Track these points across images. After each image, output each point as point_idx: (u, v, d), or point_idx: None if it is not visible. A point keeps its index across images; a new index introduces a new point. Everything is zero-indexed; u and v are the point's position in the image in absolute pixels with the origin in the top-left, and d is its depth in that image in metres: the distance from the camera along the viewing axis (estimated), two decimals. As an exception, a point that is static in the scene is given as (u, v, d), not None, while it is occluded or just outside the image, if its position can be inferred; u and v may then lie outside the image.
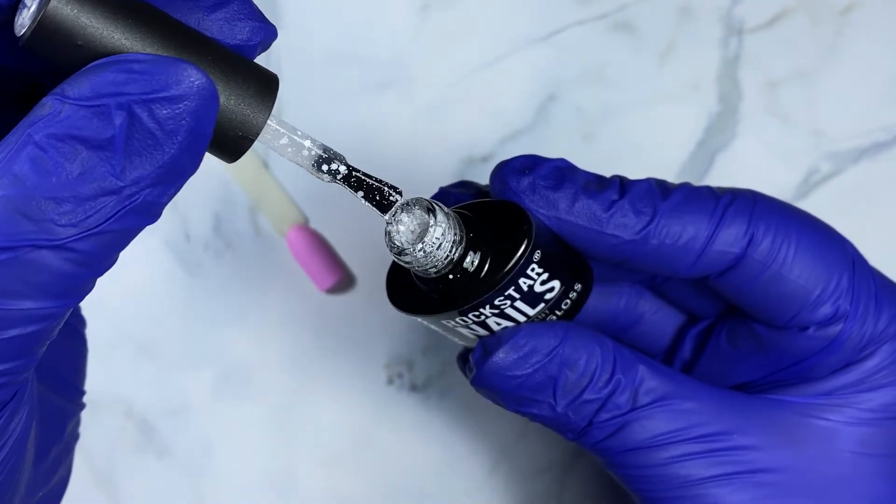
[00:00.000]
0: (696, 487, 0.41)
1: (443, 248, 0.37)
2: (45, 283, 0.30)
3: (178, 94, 0.30)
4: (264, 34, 0.33)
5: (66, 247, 0.30)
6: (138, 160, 0.30)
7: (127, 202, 0.30)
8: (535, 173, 0.40)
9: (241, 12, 0.33)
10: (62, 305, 0.31)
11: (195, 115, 0.30)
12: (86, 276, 0.31)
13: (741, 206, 0.40)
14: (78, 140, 0.29)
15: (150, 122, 0.29)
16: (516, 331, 0.39)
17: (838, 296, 0.40)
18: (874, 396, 0.42)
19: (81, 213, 0.29)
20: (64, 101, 0.29)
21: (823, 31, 0.55)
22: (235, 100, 0.32)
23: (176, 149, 0.30)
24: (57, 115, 0.29)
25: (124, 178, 0.30)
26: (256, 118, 0.33)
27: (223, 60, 0.32)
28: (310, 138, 0.35)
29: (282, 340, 0.57)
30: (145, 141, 0.30)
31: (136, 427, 0.57)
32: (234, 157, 0.33)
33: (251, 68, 0.33)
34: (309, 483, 0.56)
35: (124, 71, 0.29)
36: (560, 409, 0.40)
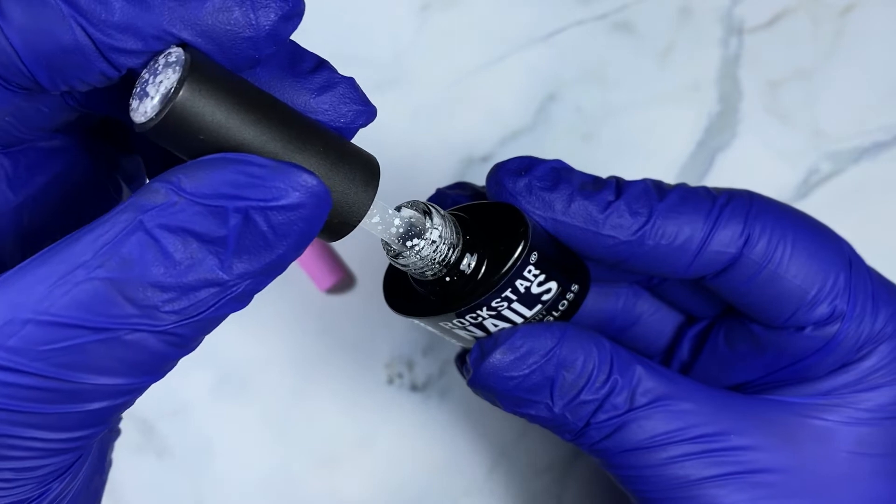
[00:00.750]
0: (694, 488, 0.41)
1: (439, 251, 0.37)
2: (139, 362, 0.30)
3: (294, 202, 0.30)
4: (366, 117, 0.34)
5: (167, 332, 0.30)
6: (247, 257, 0.30)
7: (228, 293, 0.30)
8: (532, 175, 0.40)
9: (346, 96, 0.34)
10: (149, 381, 0.31)
11: (308, 220, 0.30)
12: (176, 356, 0.31)
13: (737, 206, 0.40)
14: (190, 234, 0.29)
15: (265, 227, 0.30)
16: (513, 332, 0.39)
17: (835, 295, 0.40)
18: (872, 396, 0.42)
19: (185, 301, 0.30)
20: (180, 194, 0.29)
21: (823, 31, 0.55)
22: (342, 190, 0.32)
23: (284, 249, 0.30)
24: (171, 205, 0.29)
25: (230, 273, 0.30)
26: (360, 206, 0.33)
27: (332, 151, 0.32)
28: (399, 217, 0.36)
29: (281, 340, 0.57)
30: (256, 242, 0.30)
31: (136, 427, 0.57)
32: (335, 239, 0.34)
33: (357, 157, 0.33)
34: (309, 483, 0.56)
35: (244, 174, 0.30)
36: (557, 410, 0.40)
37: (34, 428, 0.30)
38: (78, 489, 0.34)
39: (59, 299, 0.29)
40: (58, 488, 0.33)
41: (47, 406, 0.30)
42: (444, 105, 0.57)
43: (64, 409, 0.30)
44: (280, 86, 0.33)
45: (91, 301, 0.29)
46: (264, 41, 0.31)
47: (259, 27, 0.31)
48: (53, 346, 0.29)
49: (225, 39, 0.31)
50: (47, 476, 0.32)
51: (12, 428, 0.30)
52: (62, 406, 0.30)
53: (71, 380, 0.30)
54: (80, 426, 0.31)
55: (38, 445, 0.31)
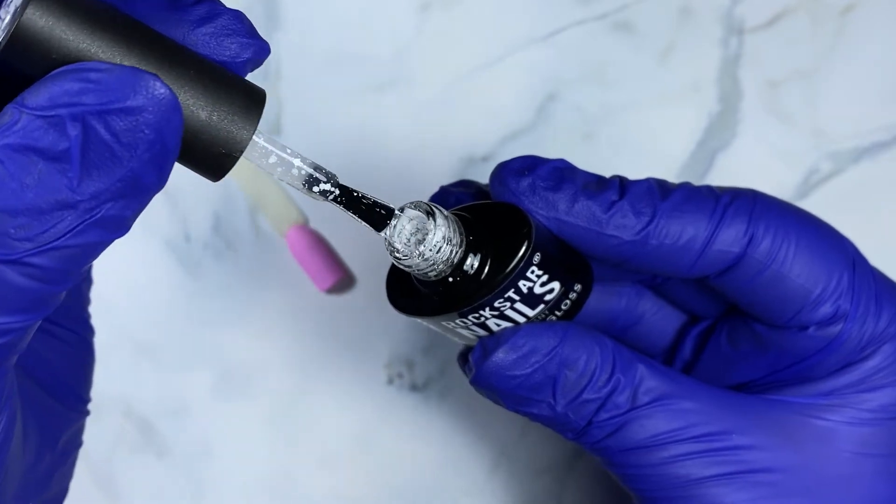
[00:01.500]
0: (696, 487, 0.41)
1: (442, 252, 0.37)
2: (2, 297, 0.29)
3: (135, 105, 0.29)
4: (254, 51, 0.32)
5: (23, 261, 0.29)
6: (96, 173, 0.29)
7: (86, 216, 0.29)
8: (535, 174, 0.40)
9: (229, 27, 0.32)
10: (25, 320, 0.30)
11: (155, 127, 0.29)
12: (47, 291, 0.30)
13: (741, 205, 0.40)
14: (34, 151, 0.28)
15: (107, 135, 0.29)
16: (516, 331, 0.39)
17: (838, 295, 0.40)
18: (874, 397, 0.42)
19: (37, 226, 0.29)
20: (22, 111, 0.28)
21: (823, 31, 0.55)
22: (218, 115, 0.31)
23: (136, 162, 0.29)
24: (14, 124, 0.28)
25: (82, 192, 0.29)
26: (240, 135, 0.31)
27: (204, 75, 0.31)
28: (300, 157, 0.34)
29: (281, 340, 0.57)
30: (102, 154, 0.29)
31: (135, 427, 0.57)
32: (218, 175, 0.32)
33: (235, 83, 0.31)
34: (309, 483, 0.56)
35: (81, 80, 0.29)
36: (559, 409, 0.40)
37: None
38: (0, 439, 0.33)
39: None
40: None
41: None
42: (444, 105, 0.57)
43: None
44: (158, 18, 0.31)
45: None
46: None
47: None
48: None
49: None
50: None
51: None
52: None
53: None
54: None
55: None
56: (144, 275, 0.57)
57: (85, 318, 0.43)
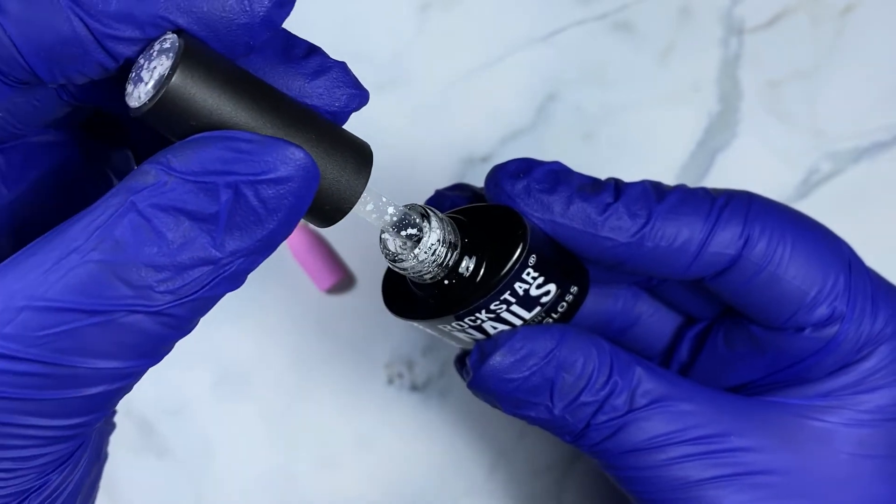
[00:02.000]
0: (694, 489, 0.41)
1: (438, 254, 0.37)
2: (136, 343, 0.30)
3: (284, 175, 0.30)
4: (359, 101, 0.34)
5: (163, 312, 0.30)
6: (238, 234, 0.30)
7: (221, 271, 0.30)
8: (530, 177, 0.40)
9: (339, 80, 0.34)
10: (147, 364, 0.31)
11: (297, 194, 0.31)
12: (173, 337, 0.31)
13: (736, 207, 0.40)
14: (182, 213, 0.30)
15: (255, 201, 0.30)
16: (513, 334, 0.39)
17: (834, 297, 0.40)
18: (872, 398, 0.42)
19: (179, 281, 0.30)
20: (170, 174, 0.30)
21: (823, 31, 0.55)
22: (334, 175, 0.32)
23: (275, 224, 0.31)
24: (162, 186, 0.30)
25: (223, 251, 0.30)
26: (352, 192, 0.33)
27: (325, 136, 0.32)
28: (393, 205, 0.36)
29: (281, 340, 0.57)
30: (247, 217, 0.30)
31: (135, 427, 0.57)
32: (327, 225, 0.34)
33: (350, 142, 0.33)
34: (309, 483, 0.56)
35: (232, 150, 0.30)
36: (557, 412, 0.40)
37: (33, 415, 0.30)
38: (77, 480, 0.34)
39: (53, 284, 0.29)
40: (57, 479, 0.33)
41: (45, 392, 0.30)
42: (444, 105, 0.57)
43: (62, 394, 0.30)
44: (274, 72, 0.33)
45: (86, 284, 0.29)
46: (259, 27, 0.31)
47: (254, 13, 0.31)
48: (50, 331, 0.29)
49: (220, 26, 0.31)
50: (47, 466, 0.32)
51: (11, 416, 0.30)
52: (60, 392, 0.30)
53: (68, 364, 0.30)
54: (79, 412, 0.31)
55: (38, 433, 0.31)
56: (144, 275, 0.57)
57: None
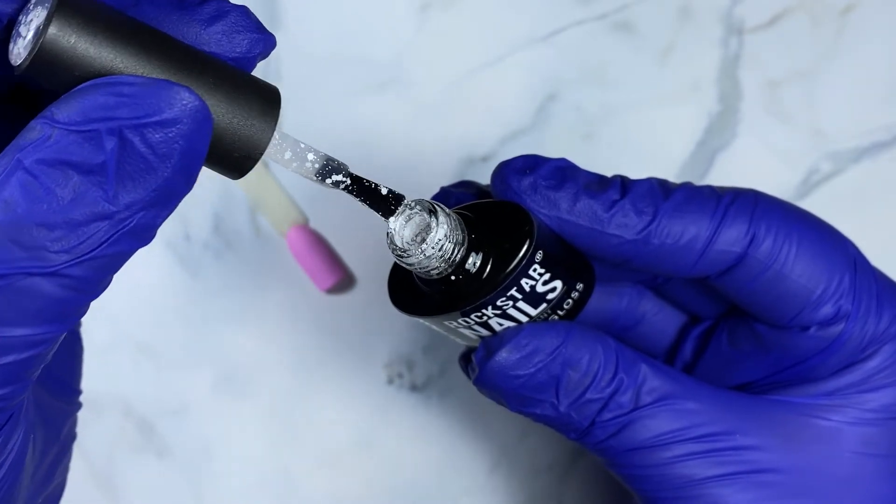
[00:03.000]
0: (699, 487, 0.41)
1: (444, 250, 0.37)
2: (39, 308, 0.29)
3: (170, 117, 0.29)
4: (263, 45, 0.33)
5: (60, 273, 0.29)
6: (131, 184, 0.29)
7: (120, 226, 0.29)
8: (537, 173, 0.40)
9: (239, 24, 0.33)
10: (57, 330, 0.30)
11: (188, 137, 0.29)
12: (80, 301, 0.30)
13: (743, 205, 0.40)
14: (69, 165, 0.29)
15: (143, 147, 0.29)
16: (519, 330, 0.39)
17: (840, 295, 0.40)
18: (876, 397, 0.42)
19: (74, 239, 0.29)
20: (54, 126, 0.29)
21: (823, 31, 0.55)
22: (239, 120, 0.31)
23: (169, 172, 0.29)
24: (46, 139, 0.29)
25: (117, 203, 0.29)
26: (260, 137, 0.32)
27: (224, 81, 0.31)
28: (312, 150, 0.35)
29: (282, 340, 0.56)
30: (137, 165, 0.29)
31: (135, 427, 0.56)
32: (239, 174, 0.33)
33: (253, 85, 0.32)
34: (309, 483, 0.56)
35: (115, 94, 0.29)
36: (563, 409, 0.40)
37: None
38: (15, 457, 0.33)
39: None
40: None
41: None
42: (444, 105, 0.57)
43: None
44: (167, 21, 0.32)
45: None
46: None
47: None
48: None
49: None
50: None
51: None
52: None
53: None
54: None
55: None
56: (144, 275, 0.57)
57: None
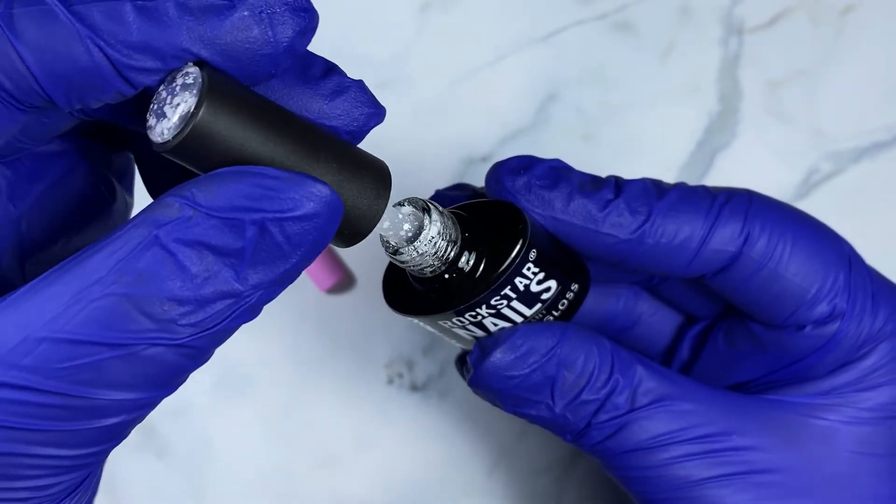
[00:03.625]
0: (696, 488, 0.41)
1: (438, 248, 0.37)
2: (155, 375, 0.30)
3: (309, 212, 0.30)
4: (377, 119, 0.34)
5: (184, 345, 0.30)
6: (262, 268, 0.30)
7: (242, 303, 0.30)
8: (531, 173, 0.40)
9: (358, 99, 0.34)
10: (164, 395, 0.31)
11: (322, 230, 0.31)
12: (191, 368, 0.31)
13: (737, 204, 0.40)
14: (206, 247, 0.30)
15: (280, 238, 0.30)
16: (513, 331, 0.39)
17: (835, 294, 0.40)
18: (872, 395, 0.42)
19: (202, 314, 0.30)
20: (195, 208, 0.29)
21: (823, 31, 0.55)
22: (355, 201, 0.33)
23: (297, 259, 0.31)
24: (187, 220, 0.29)
25: (245, 284, 0.30)
26: (373, 215, 0.33)
27: (346, 163, 0.32)
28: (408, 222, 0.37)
29: (282, 340, 0.57)
30: (272, 253, 0.30)
31: (136, 427, 0.57)
32: (347, 246, 0.34)
33: (370, 165, 0.33)
34: (309, 483, 0.56)
35: (258, 186, 0.30)
36: (558, 410, 0.40)
37: (50, 446, 0.30)
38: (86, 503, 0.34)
39: (74, 316, 0.29)
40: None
41: (63, 423, 0.30)
42: (444, 105, 0.57)
43: (80, 425, 0.30)
44: (292, 94, 0.33)
45: (108, 317, 0.29)
46: (282, 56, 0.31)
47: (277, 44, 0.31)
48: (70, 363, 0.29)
49: (243, 57, 0.31)
50: (60, 493, 0.32)
51: (29, 447, 0.30)
52: (77, 423, 0.30)
53: (88, 396, 0.30)
54: (96, 442, 0.31)
55: (54, 463, 0.31)
56: (144, 275, 0.57)
57: None
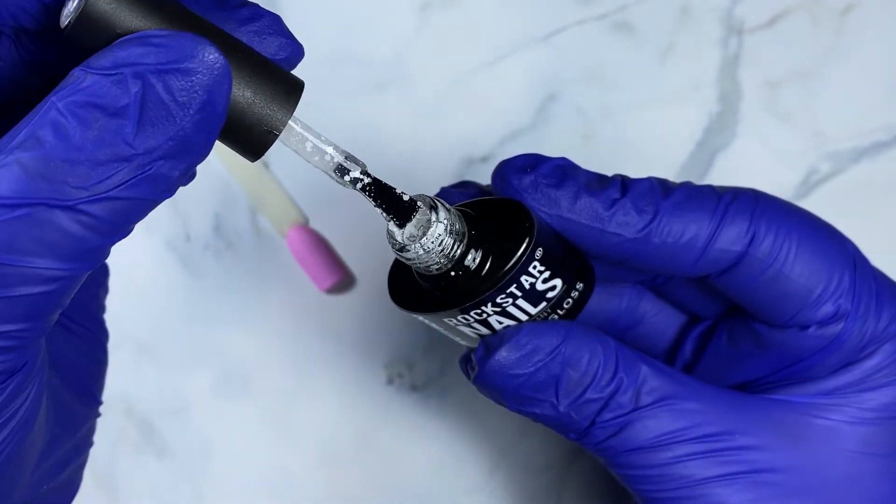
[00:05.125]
0: (699, 487, 0.41)
1: (444, 245, 0.37)
2: (56, 243, 0.31)
3: (192, 67, 0.31)
4: (291, 51, 0.35)
5: (78, 209, 0.31)
6: (151, 130, 0.31)
7: (139, 171, 0.31)
8: (538, 171, 0.40)
9: (271, 27, 0.35)
10: (72, 269, 0.31)
11: (208, 89, 0.31)
12: (97, 242, 0.31)
13: (743, 204, 0.40)
14: (96, 107, 0.30)
15: (164, 93, 0.31)
16: (518, 329, 0.39)
17: (839, 295, 0.40)
18: (875, 396, 0.42)
19: (94, 176, 0.30)
20: (87, 72, 0.31)
21: (823, 31, 0.56)
22: (260, 95, 0.33)
23: (188, 122, 0.31)
24: (80, 83, 0.31)
25: (137, 146, 0.31)
26: (279, 116, 0.33)
27: (250, 58, 0.33)
28: (333, 145, 0.36)
29: (282, 340, 0.57)
30: (158, 111, 0.31)
31: (136, 427, 0.57)
32: (256, 154, 0.34)
33: (277, 70, 0.34)
34: (309, 483, 0.56)
35: (144, 44, 0.31)
36: (562, 409, 0.40)
37: None
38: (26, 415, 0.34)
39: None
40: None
41: None
42: (444, 105, 0.57)
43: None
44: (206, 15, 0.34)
45: (9, 180, 0.30)
46: None
47: None
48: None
49: None
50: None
51: None
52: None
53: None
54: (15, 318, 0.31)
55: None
56: (145, 275, 0.57)
57: (101, 322, 0.45)
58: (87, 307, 0.44)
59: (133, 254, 0.57)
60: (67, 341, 0.42)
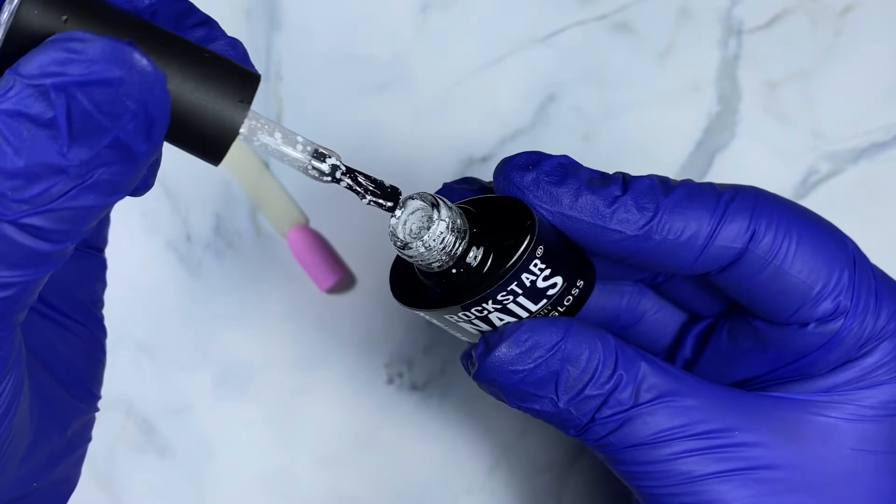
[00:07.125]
0: (698, 484, 0.41)
1: (446, 243, 0.38)
2: (4, 252, 0.30)
3: (114, 76, 0.30)
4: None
5: (20, 222, 0.30)
6: (85, 140, 0.30)
7: (78, 181, 0.30)
8: (539, 169, 0.40)
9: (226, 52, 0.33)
10: (25, 275, 0.31)
11: (137, 98, 0.30)
12: (47, 249, 0.31)
13: (743, 202, 0.40)
14: (26, 118, 0.29)
15: (90, 106, 0.30)
16: (518, 326, 0.39)
17: (839, 292, 0.41)
18: (874, 393, 0.42)
19: (32, 189, 0.30)
20: (16, 78, 0.30)
21: (823, 31, 0.56)
22: (208, 94, 0.31)
23: (121, 131, 0.30)
24: (9, 90, 0.30)
25: (71, 158, 0.30)
26: (236, 113, 0.32)
27: (195, 56, 0.31)
28: (302, 138, 0.35)
29: (282, 340, 0.57)
30: (87, 123, 0.30)
31: (136, 426, 0.57)
32: (217, 158, 0.32)
33: (227, 65, 0.32)
34: (309, 483, 0.56)
35: (65, 50, 0.29)
36: (562, 405, 0.40)
37: None
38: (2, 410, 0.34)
39: None
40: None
41: None
42: (444, 105, 0.57)
43: None
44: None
45: None
46: None
47: None
48: None
49: None
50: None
51: None
52: None
53: None
54: None
55: None
56: (145, 275, 0.57)
57: (98, 318, 0.44)
58: (81, 302, 0.43)
59: (134, 254, 0.57)
60: (61, 337, 0.42)
